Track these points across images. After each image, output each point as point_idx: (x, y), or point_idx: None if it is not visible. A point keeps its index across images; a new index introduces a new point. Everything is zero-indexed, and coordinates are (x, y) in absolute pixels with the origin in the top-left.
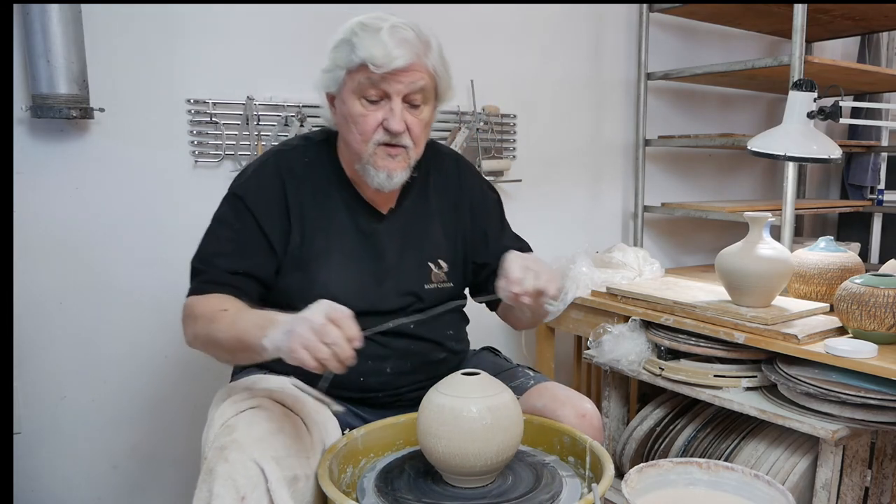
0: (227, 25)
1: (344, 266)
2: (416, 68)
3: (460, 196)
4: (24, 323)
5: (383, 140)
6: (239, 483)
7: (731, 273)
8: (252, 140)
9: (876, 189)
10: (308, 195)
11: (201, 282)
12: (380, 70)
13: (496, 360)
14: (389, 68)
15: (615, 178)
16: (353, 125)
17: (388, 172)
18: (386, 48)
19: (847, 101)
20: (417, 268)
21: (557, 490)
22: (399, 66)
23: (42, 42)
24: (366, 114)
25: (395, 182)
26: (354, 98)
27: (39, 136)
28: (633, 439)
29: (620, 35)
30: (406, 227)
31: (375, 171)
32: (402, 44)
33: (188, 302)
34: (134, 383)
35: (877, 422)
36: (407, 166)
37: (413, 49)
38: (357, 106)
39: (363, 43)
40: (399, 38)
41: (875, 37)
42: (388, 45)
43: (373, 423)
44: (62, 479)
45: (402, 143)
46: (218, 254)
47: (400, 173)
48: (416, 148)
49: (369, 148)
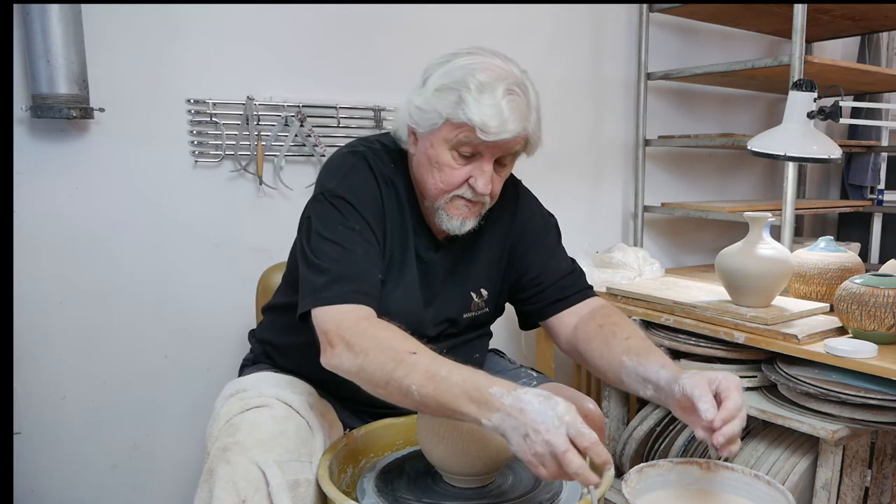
0: (227, 25)
1: (398, 286)
2: (521, 137)
3: (514, 220)
4: (24, 323)
5: (465, 196)
6: (239, 486)
7: (731, 273)
8: (252, 140)
9: (876, 189)
10: (393, 204)
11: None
12: (489, 138)
13: (500, 361)
14: (499, 138)
15: (615, 178)
16: (436, 171)
17: (461, 221)
18: (502, 117)
19: (847, 101)
20: (461, 297)
21: (557, 490)
22: (507, 138)
23: (42, 42)
24: (455, 167)
25: (466, 229)
26: (446, 148)
27: (39, 136)
28: (633, 439)
29: (620, 35)
30: (457, 257)
31: (448, 218)
32: (515, 113)
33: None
34: (134, 383)
35: (877, 422)
36: (478, 215)
37: (523, 118)
38: (447, 157)
39: (478, 105)
40: (513, 105)
41: (875, 37)
42: (504, 113)
43: (373, 423)
44: (62, 479)
45: (482, 201)
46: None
47: (473, 221)
48: (492, 200)
49: (446, 197)
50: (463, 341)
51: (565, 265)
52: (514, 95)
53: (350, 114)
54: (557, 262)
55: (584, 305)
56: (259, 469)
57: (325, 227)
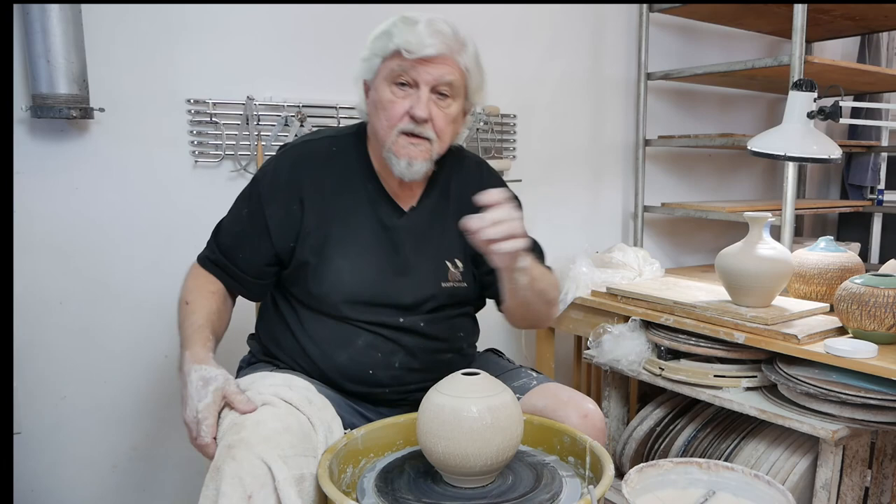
0: (227, 25)
1: (360, 256)
2: (447, 61)
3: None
4: (24, 323)
5: (407, 129)
6: (246, 482)
7: (731, 273)
8: (252, 140)
9: (876, 189)
10: (329, 183)
11: (206, 256)
12: (411, 56)
13: (499, 361)
14: (420, 55)
15: (615, 178)
16: (381, 111)
17: (409, 160)
18: (419, 36)
19: (847, 101)
20: (435, 266)
21: (557, 490)
22: (429, 54)
23: (42, 42)
24: (394, 100)
25: (414, 170)
26: (386, 85)
27: (39, 136)
28: (633, 439)
29: (620, 35)
30: (425, 224)
31: (397, 160)
32: (436, 34)
33: (192, 265)
34: (134, 383)
35: (877, 422)
36: (429, 158)
37: (446, 42)
38: (387, 92)
39: (400, 31)
40: (434, 29)
41: (875, 37)
42: (422, 33)
43: (373, 423)
44: (62, 479)
45: (424, 133)
46: (228, 232)
47: (420, 163)
48: (440, 142)
49: (393, 135)
50: (445, 316)
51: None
52: (436, 23)
53: (350, 114)
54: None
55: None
56: (265, 464)
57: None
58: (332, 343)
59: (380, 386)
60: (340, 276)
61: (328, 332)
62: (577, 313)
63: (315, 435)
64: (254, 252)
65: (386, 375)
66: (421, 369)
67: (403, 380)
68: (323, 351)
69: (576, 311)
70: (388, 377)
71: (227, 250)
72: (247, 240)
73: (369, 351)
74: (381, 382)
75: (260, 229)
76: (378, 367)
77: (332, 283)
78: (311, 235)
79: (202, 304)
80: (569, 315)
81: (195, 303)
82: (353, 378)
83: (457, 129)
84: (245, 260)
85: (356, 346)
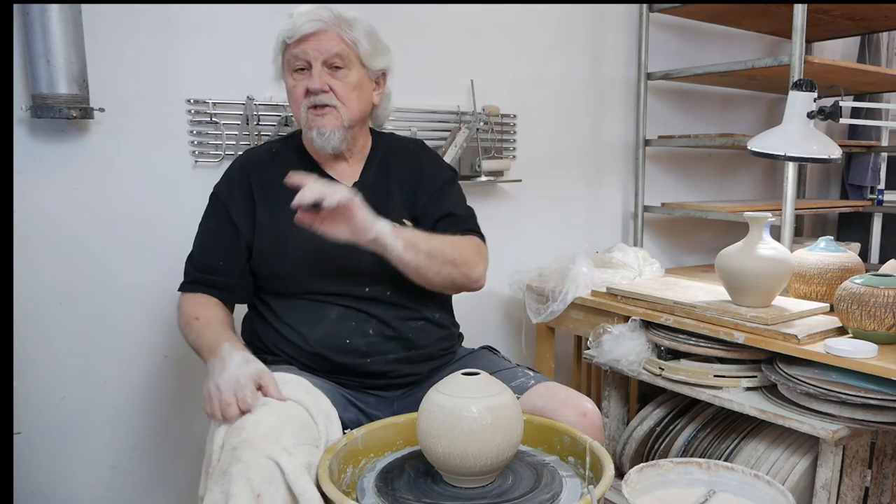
0: (228, 25)
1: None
2: (328, 35)
3: (416, 170)
4: (24, 323)
5: (310, 102)
6: (254, 481)
7: (731, 273)
8: (252, 140)
9: (876, 189)
10: (273, 178)
11: (186, 281)
12: (291, 39)
13: (495, 359)
14: (298, 35)
15: (615, 178)
16: (290, 99)
17: (318, 130)
18: (295, 22)
19: (847, 101)
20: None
21: (557, 490)
22: (307, 32)
23: (42, 42)
24: (295, 84)
25: (327, 139)
26: (288, 75)
27: (39, 136)
28: (633, 439)
29: (620, 35)
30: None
31: (310, 132)
32: (311, 17)
33: (179, 298)
34: (134, 383)
35: (877, 422)
36: (340, 125)
37: (322, 21)
38: (290, 80)
39: (281, 26)
40: (310, 12)
41: (875, 37)
42: (297, 20)
43: (373, 423)
44: (62, 479)
45: (326, 102)
46: (201, 249)
47: (331, 130)
48: (347, 108)
49: (303, 114)
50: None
51: (442, 210)
52: (314, 9)
53: None
54: (436, 208)
55: None
56: (271, 461)
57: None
58: (307, 322)
59: (360, 355)
60: (300, 251)
61: (301, 313)
62: (577, 313)
63: (315, 425)
64: (231, 255)
65: (363, 343)
66: (396, 337)
67: (382, 348)
68: (299, 332)
69: (576, 311)
70: (365, 344)
71: (205, 267)
72: (221, 247)
73: (343, 322)
74: (360, 350)
75: (230, 232)
76: (354, 335)
77: (294, 260)
78: (265, 228)
79: (213, 315)
80: (569, 315)
81: (205, 316)
82: (333, 348)
83: (366, 98)
84: (224, 266)
85: (330, 318)
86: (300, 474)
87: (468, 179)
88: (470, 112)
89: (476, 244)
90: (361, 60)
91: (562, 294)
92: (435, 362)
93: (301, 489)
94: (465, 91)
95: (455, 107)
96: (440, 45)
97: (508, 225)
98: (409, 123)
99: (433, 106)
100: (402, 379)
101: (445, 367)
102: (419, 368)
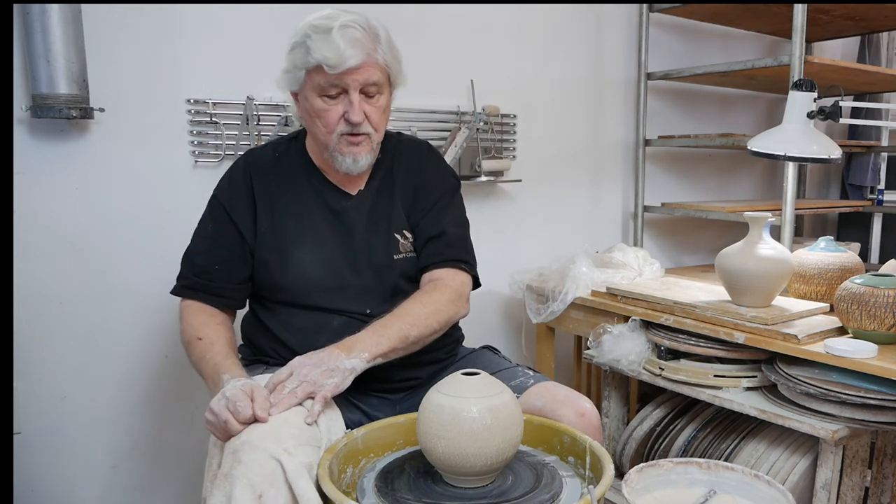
0: (227, 25)
1: (318, 244)
2: (369, 65)
3: (420, 176)
4: (24, 323)
5: (346, 131)
6: (255, 482)
7: (731, 273)
8: (252, 140)
9: (876, 189)
10: (276, 184)
11: (184, 285)
12: (334, 71)
13: (495, 358)
14: (343, 69)
15: (615, 178)
16: (317, 119)
17: (353, 157)
18: (338, 50)
19: (847, 101)
20: (386, 240)
21: (557, 490)
22: (352, 66)
23: (42, 42)
24: (327, 108)
25: (360, 165)
26: (315, 95)
27: (39, 136)
28: (633, 439)
29: (620, 35)
30: (373, 203)
31: (342, 158)
32: (353, 44)
33: (180, 305)
34: (134, 383)
35: (877, 422)
36: (371, 150)
37: (363, 48)
38: (319, 102)
39: (316, 45)
40: (349, 38)
41: (875, 37)
42: (339, 46)
43: (373, 423)
44: (62, 479)
45: (363, 131)
46: (197, 252)
47: (365, 157)
48: (378, 133)
49: (334, 139)
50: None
51: (436, 229)
52: (349, 29)
53: None
54: (431, 225)
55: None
56: (273, 459)
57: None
58: (308, 330)
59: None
60: (303, 265)
61: (302, 321)
62: (577, 313)
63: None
64: (230, 259)
65: None
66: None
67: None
68: (300, 339)
69: (576, 311)
70: None
71: (203, 270)
72: (220, 250)
73: (345, 329)
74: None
75: (231, 235)
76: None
77: (297, 272)
78: (266, 235)
79: (216, 336)
80: (569, 315)
81: (209, 336)
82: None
83: (388, 115)
84: (223, 270)
85: (332, 327)
86: (300, 475)
87: (468, 179)
88: (470, 112)
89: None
90: (391, 82)
91: (562, 294)
92: (437, 366)
93: (301, 490)
94: (465, 91)
95: (455, 107)
96: (440, 45)
97: (508, 225)
98: (409, 123)
99: (433, 106)
100: (405, 383)
101: (446, 367)
102: (421, 372)
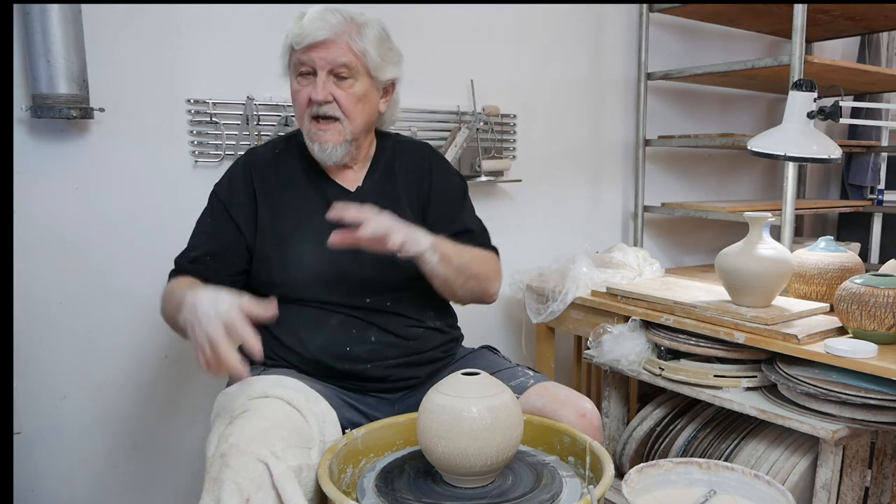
0: (227, 25)
1: (319, 238)
2: (337, 44)
3: (425, 175)
4: (24, 323)
5: (313, 112)
6: (243, 486)
7: (731, 273)
8: (252, 140)
9: (876, 189)
10: (276, 180)
11: (174, 271)
12: (299, 46)
13: (495, 358)
14: (306, 43)
15: (615, 178)
16: (294, 103)
17: (320, 144)
18: (303, 28)
19: (847, 101)
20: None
21: (557, 490)
22: (315, 40)
23: (42, 42)
24: (299, 89)
25: (329, 154)
26: (293, 78)
27: (39, 136)
28: (633, 439)
29: (620, 35)
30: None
31: (312, 144)
32: (321, 21)
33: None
34: (134, 383)
35: (877, 422)
36: (342, 140)
37: (332, 28)
38: (294, 84)
39: (290, 27)
40: (320, 18)
41: (875, 37)
42: (305, 25)
43: (373, 423)
44: (62, 479)
45: (329, 113)
46: (192, 246)
47: (333, 146)
48: (350, 121)
49: (305, 122)
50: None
51: (460, 226)
52: (325, 12)
53: None
54: (453, 223)
55: None
56: (260, 462)
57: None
58: (306, 328)
59: (360, 361)
60: (304, 258)
61: (300, 320)
62: (577, 313)
63: (308, 427)
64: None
65: (364, 350)
66: (397, 344)
67: (383, 354)
68: (299, 338)
69: (576, 311)
70: (366, 352)
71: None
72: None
73: (343, 329)
74: (361, 357)
75: (230, 230)
76: (354, 342)
77: (298, 265)
78: (267, 231)
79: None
80: (569, 315)
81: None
82: (333, 355)
83: (371, 108)
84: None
85: (330, 325)
86: (287, 480)
87: (468, 179)
88: (470, 112)
89: (497, 262)
90: (369, 71)
91: (562, 294)
92: (435, 365)
93: (288, 495)
94: (465, 91)
95: (455, 107)
96: (440, 45)
97: (508, 225)
98: (409, 123)
99: (433, 106)
100: (403, 382)
101: (446, 367)
102: (419, 372)
